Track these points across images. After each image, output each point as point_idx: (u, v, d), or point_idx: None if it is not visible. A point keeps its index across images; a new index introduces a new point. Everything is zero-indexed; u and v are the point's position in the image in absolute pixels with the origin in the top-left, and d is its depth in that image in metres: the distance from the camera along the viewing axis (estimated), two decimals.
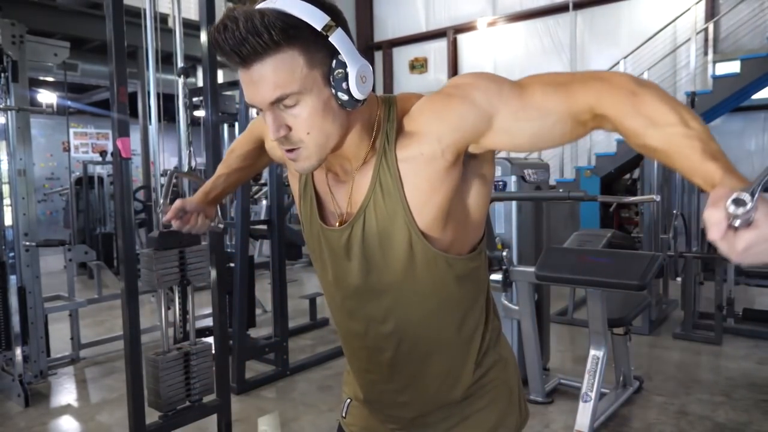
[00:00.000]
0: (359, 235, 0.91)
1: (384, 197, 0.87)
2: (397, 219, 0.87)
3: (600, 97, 0.77)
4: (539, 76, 0.84)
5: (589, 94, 0.78)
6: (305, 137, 0.82)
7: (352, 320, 1.00)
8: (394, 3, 10.12)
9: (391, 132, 0.88)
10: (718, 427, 2.77)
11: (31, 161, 3.40)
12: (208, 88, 2.45)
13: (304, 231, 1.02)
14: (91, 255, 4.58)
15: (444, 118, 0.84)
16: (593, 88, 0.78)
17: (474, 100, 0.83)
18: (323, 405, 3.16)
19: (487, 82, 0.85)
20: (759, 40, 6.71)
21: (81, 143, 10.10)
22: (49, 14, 6.86)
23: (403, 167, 0.87)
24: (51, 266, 6.77)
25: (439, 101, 0.87)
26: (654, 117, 0.72)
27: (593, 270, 2.39)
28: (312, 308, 4.73)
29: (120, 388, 3.16)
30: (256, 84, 0.78)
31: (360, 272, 0.94)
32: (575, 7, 8.17)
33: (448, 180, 0.86)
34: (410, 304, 0.94)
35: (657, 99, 0.73)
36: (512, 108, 0.82)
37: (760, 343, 3.95)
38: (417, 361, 0.98)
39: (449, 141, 0.84)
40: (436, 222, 0.88)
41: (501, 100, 0.82)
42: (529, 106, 0.81)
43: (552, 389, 3.19)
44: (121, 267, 2.11)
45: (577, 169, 7.19)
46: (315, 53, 0.78)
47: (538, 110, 0.81)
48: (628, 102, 0.74)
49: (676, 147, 0.69)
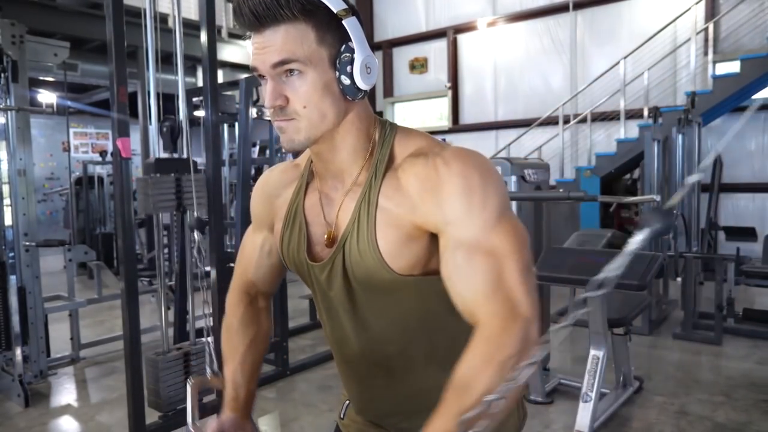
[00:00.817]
0: (340, 270, 0.90)
1: (359, 237, 0.87)
2: (373, 261, 0.86)
3: (486, 321, 0.77)
4: (512, 246, 0.80)
5: (487, 307, 0.77)
6: (300, 110, 0.82)
7: (342, 351, 1.00)
8: (394, 3, 10.12)
9: (381, 167, 0.87)
10: (718, 427, 2.77)
11: (31, 161, 3.40)
12: (208, 88, 2.45)
13: (287, 258, 0.99)
14: (91, 255, 4.57)
15: (426, 198, 0.82)
16: (498, 312, 0.77)
17: (452, 204, 0.80)
18: (323, 405, 3.16)
19: (481, 195, 0.81)
20: (759, 40, 6.71)
21: (81, 143, 10.10)
22: (49, 14, 6.86)
23: (380, 213, 0.85)
24: (51, 266, 6.77)
25: (434, 178, 0.83)
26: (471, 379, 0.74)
27: (593, 270, 2.38)
28: (312, 308, 4.73)
29: (120, 388, 3.15)
30: (264, 48, 0.80)
31: (343, 306, 0.93)
32: (575, 7, 8.16)
33: (421, 242, 0.85)
34: (398, 333, 0.93)
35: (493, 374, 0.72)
36: (463, 236, 0.80)
37: (760, 343, 3.95)
38: (412, 379, 0.98)
39: (420, 219, 0.83)
40: (411, 267, 0.86)
41: (468, 219, 0.80)
42: (472, 254, 0.79)
43: (552, 389, 3.19)
44: (121, 267, 2.11)
45: (577, 169, 7.18)
46: (326, 33, 0.80)
47: (466, 269, 0.79)
48: (486, 352, 0.75)
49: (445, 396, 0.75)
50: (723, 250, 6.00)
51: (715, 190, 6.84)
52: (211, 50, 2.42)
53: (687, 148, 5.15)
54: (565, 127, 7.48)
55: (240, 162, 3.51)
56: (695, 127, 5.25)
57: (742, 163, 7.00)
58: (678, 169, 5.05)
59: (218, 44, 3.08)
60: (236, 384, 1.06)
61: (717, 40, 7.10)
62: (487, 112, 9.17)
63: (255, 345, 1.09)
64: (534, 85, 8.66)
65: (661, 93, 7.30)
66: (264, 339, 1.13)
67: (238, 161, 3.55)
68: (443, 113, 9.69)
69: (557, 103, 7.60)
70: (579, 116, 7.63)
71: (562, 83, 8.37)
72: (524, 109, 8.61)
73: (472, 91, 9.37)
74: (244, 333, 1.09)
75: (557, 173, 7.33)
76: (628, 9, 7.85)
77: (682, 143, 5.06)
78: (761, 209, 6.92)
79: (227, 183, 5.85)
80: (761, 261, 4.68)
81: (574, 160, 7.91)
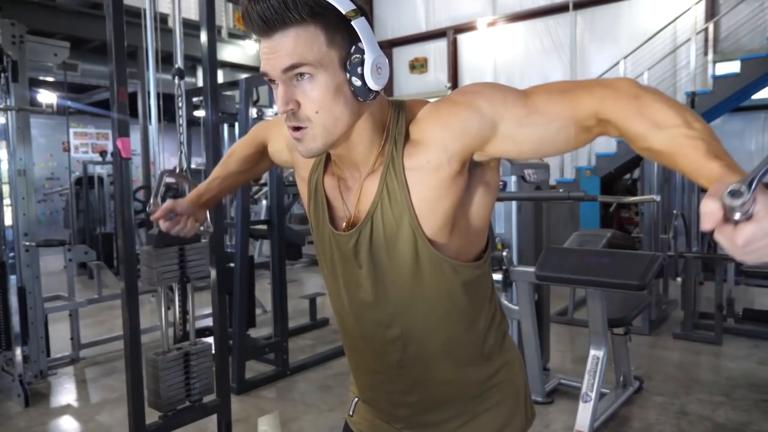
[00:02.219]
0: (367, 240, 0.91)
1: (391, 203, 0.88)
2: (404, 225, 0.87)
3: (603, 102, 0.77)
4: (543, 84, 0.85)
5: (592, 100, 0.78)
6: (313, 115, 0.82)
7: (359, 324, 1.00)
8: (394, 3, 10.12)
9: (399, 138, 0.88)
10: (718, 427, 2.77)
11: (31, 161, 3.40)
12: (208, 88, 2.44)
13: (314, 235, 1.02)
14: (91, 255, 4.57)
15: (449, 126, 0.85)
16: (596, 93, 0.78)
17: (479, 107, 0.83)
18: (323, 405, 3.16)
19: (491, 90, 0.85)
20: (759, 40, 6.71)
21: (81, 143, 10.10)
22: (49, 14, 6.86)
23: (410, 176, 0.87)
24: (51, 266, 6.77)
25: (444, 109, 0.87)
26: (657, 120, 0.72)
27: (593, 270, 2.39)
28: (312, 308, 4.73)
29: (120, 388, 3.16)
30: (274, 52, 0.80)
31: (368, 277, 0.94)
32: (575, 7, 8.17)
33: (454, 188, 0.87)
34: (417, 309, 0.94)
35: (660, 102, 0.73)
36: (516, 114, 0.82)
37: (760, 343, 3.95)
38: (424, 363, 0.98)
39: (455, 149, 0.84)
40: (443, 229, 0.88)
41: (505, 107, 0.83)
42: (533, 112, 0.81)
43: (552, 389, 3.19)
44: (121, 267, 2.11)
45: (577, 169, 7.19)
46: (336, 34, 0.80)
47: (542, 116, 0.81)
48: (632, 106, 0.74)
49: (679, 148, 0.69)
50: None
51: None
52: (211, 50, 2.42)
53: None
54: None
55: None
56: None
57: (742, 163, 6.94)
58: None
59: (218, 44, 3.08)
60: (209, 187, 1.24)
61: (717, 40, 7.11)
62: None
63: (241, 174, 1.26)
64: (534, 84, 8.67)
65: None
66: (251, 176, 1.29)
67: None
68: None
69: None
70: None
71: None
72: None
73: None
74: (241, 163, 1.24)
75: (557, 173, 7.33)
76: (628, 9, 7.85)
77: None
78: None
79: None
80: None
81: (574, 160, 7.92)
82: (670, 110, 0.72)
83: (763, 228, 0.53)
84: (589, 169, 6.95)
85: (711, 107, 6.10)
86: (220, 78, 2.78)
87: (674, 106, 0.73)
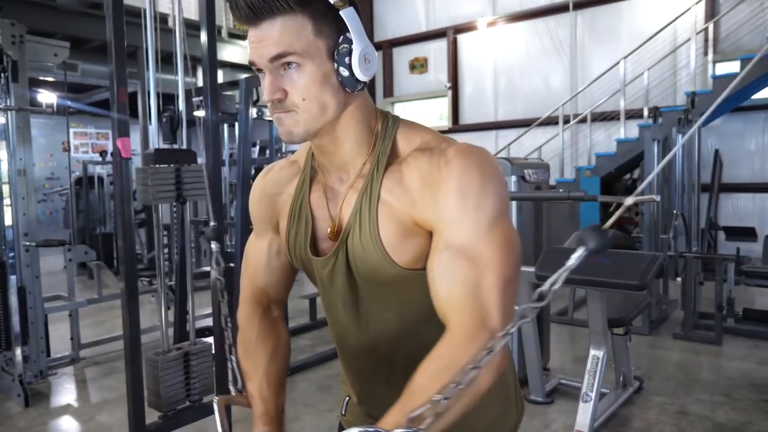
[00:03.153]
0: (343, 264, 0.90)
1: (361, 231, 0.87)
2: (376, 254, 0.86)
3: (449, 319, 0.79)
4: (501, 258, 0.79)
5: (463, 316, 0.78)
6: (300, 102, 0.81)
7: (344, 346, 1.01)
8: (394, 3, 10.11)
9: (383, 159, 0.87)
10: (718, 427, 2.77)
11: (31, 161, 3.40)
12: (208, 88, 2.45)
13: (293, 254, 0.98)
14: (91, 255, 4.57)
15: (425, 195, 0.82)
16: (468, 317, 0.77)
17: (450, 204, 0.80)
18: (323, 405, 3.16)
19: (479, 198, 0.80)
20: (759, 40, 6.71)
21: (81, 143, 10.09)
22: (49, 14, 6.85)
23: (381, 207, 0.85)
24: (51, 266, 6.77)
25: (435, 174, 0.82)
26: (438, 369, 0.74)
27: (593, 270, 2.39)
28: (312, 308, 4.73)
29: (120, 388, 3.15)
30: (261, 41, 0.79)
31: (345, 301, 0.93)
32: (575, 7, 8.16)
33: (421, 235, 0.85)
34: (399, 326, 0.94)
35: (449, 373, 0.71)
36: (452, 238, 0.79)
37: (760, 343, 3.95)
38: (412, 372, 0.98)
39: (419, 214, 0.83)
40: (413, 260, 0.86)
41: (460, 221, 0.79)
42: (457, 257, 0.79)
43: (552, 389, 3.19)
44: (121, 267, 2.11)
45: (577, 169, 7.18)
46: (324, 24, 0.79)
47: (452, 269, 0.79)
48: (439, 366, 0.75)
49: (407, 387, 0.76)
50: (723, 250, 6.00)
51: (715, 190, 6.85)
52: (211, 50, 2.42)
53: (687, 148, 5.15)
54: (565, 127, 7.48)
55: (240, 162, 3.51)
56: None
57: (742, 163, 7.00)
58: (678, 169, 5.05)
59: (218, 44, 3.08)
60: (264, 399, 1.00)
61: (717, 40, 7.10)
62: (487, 112, 9.17)
63: (276, 357, 1.03)
64: (534, 85, 8.66)
65: (661, 93, 7.30)
66: (284, 349, 1.06)
67: (238, 161, 3.55)
68: (443, 113, 9.69)
69: (557, 103, 7.60)
70: (579, 116, 7.63)
71: (562, 83, 8.37)
72: (524, 109, 8.61)
73: (472, 91, 9.37)
74: (264, 346, 1.03)
75: (557, 173, 7.32)
76: (628, 9, 7.85)
77: (682, 143, 5.05)
78: (761, 209, 6.92)
79: (227, 183, 5.85)
80: (761, 261, 4.68)
81: (574, 160, 7.92)
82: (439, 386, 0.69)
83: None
84: (589, 169, 6.95)
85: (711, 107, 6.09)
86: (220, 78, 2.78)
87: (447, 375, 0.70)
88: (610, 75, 7.28)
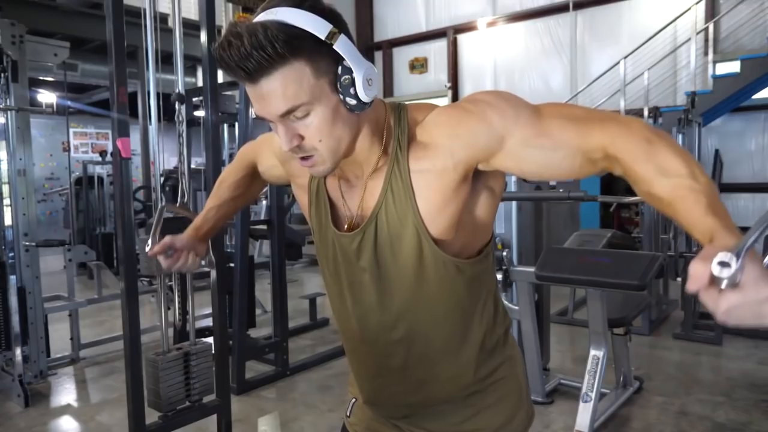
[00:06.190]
0: (371, 240, 0.91)
1: (395, 203, 0.88)
2: (408, 225, 0.88)
3: (615, 139, 0.77)
4: (558, 106, 0.85)
5: (604, 134, 0.78)
6: (317, 144, 0.82)
7: (362, 327, 1.00)
8: (394, 3, 10.12)
9: (403, 139, 0.88)
10: (718, 427, 2.77)
11: (31, 161, 3.40)
12: (208, 88, 2.44)
13: (316, 238, 1.01)
14: (91, 255, 4.57)
15: (458, 134, 0.85)
16: (609, 129, 0.78)
17: (490, 120, 0.83)
18: (323, 405, 3.16)
19: (505, 103, 0.85)
20: (759, 40, 6.71)
21: (81, 143, 10.10)
22: (49, 14, 6.86)
23: (415, 178, 0.87)
24: (51, 266, 6.77)
25: (455, 116, 0.87)
26: (665, 167, 0.72)
27: (593, 270, 2.39)
28: (312, 308, 4.73)
29: (120, 388, 3.15)
30: (265, 98, 0.78)
31: (371, 277, 0.94)
32: (575, 7, 8.17)
33: (459, 193, 0.87)
34: (420, 309, 0.95)
35: (670, 150, 0.74)
36: (526, 134, 0.82)
37: (760, 344, 3.95)
38: (428, 362, 0.99)
39: (460, 157, 0.85)
40: (447, 230, 0.89)
41: (516, 124, 0.83)
42: (542, 135, 0.82)
43: (552, 389, 3.19)
44: (121, 267, 2.11)
45: None
46: (320, 62, 0.78)
47: (550, 140, 0.81)
48: (642, 148, 0.74)
49: (681, 199, 0.69)
50: None
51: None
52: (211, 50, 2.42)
53: (687, 149, 5.15)
54: None
55: None
56: (695, 127, 5.25)
57: (742, 163, 7.01)
58: None
59: None
60: (206, 218, 1.22)
61: (717, 40, 7.11)
62: None
63: (236, 200, 1.25)
64: (534, 85, 8.66)
65: (661, 93, 7.31)
66: (247, 200, 1.29)
67: None
68: None
69: None
70: None
71: (562, 83, 8.37)
72: None
73: (472, 91, 9.35)
74: (234, 189, 1.23)
75: None
76: (628, 9, 7.85)
77: (682, 143, 5.06)
78: (761, 209, 6.93)
79: None
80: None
81: None
82: (678, 159, 0.72)
83: (746, 299, 0.56)
84: None
85: (711, 107, 6.09)
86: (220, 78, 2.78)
87: (683, 156, 0.73)
88: (610, 75, 7.29)
